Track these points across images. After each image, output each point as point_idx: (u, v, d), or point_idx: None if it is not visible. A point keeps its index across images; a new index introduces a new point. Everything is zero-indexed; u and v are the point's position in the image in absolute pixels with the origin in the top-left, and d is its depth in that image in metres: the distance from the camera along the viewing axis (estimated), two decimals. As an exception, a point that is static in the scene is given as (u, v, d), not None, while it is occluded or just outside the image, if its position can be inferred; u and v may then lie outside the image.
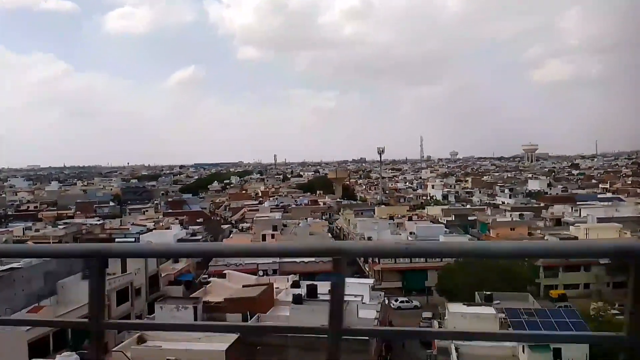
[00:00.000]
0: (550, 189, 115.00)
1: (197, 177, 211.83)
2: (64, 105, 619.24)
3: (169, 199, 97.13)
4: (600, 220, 62.50)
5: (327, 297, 1.95)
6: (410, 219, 68.51)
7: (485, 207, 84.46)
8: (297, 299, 28.03)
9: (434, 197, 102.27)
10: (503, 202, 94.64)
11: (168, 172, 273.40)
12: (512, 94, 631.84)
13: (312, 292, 28.74)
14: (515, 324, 27.15)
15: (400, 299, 46.08)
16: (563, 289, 47.65)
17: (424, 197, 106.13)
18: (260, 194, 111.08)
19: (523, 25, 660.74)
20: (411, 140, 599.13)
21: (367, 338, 22.40)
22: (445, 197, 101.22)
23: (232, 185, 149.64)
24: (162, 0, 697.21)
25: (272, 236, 54.90)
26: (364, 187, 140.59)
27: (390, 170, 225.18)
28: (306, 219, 67.36)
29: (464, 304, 31.99)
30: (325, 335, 1.80)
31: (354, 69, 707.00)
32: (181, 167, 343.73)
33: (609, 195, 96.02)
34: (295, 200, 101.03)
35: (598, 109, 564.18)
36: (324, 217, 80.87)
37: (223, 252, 2.12)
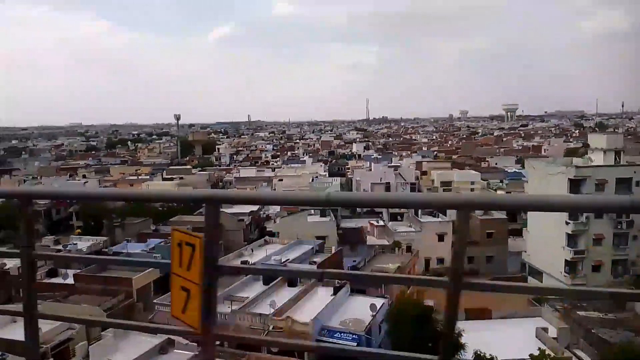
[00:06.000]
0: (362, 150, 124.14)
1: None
2: (105, 63, 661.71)
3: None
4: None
5: None
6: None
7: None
8: None
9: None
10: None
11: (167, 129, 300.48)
12: (553, 48, 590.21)
13: None
14: None
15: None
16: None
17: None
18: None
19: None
20: (433, 97, 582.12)
21: None
22: (217, 158, 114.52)
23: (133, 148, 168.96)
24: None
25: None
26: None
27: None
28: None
29: None
30: None
31: (392, 21, 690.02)
32: (190, 125, 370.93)
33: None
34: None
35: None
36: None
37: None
